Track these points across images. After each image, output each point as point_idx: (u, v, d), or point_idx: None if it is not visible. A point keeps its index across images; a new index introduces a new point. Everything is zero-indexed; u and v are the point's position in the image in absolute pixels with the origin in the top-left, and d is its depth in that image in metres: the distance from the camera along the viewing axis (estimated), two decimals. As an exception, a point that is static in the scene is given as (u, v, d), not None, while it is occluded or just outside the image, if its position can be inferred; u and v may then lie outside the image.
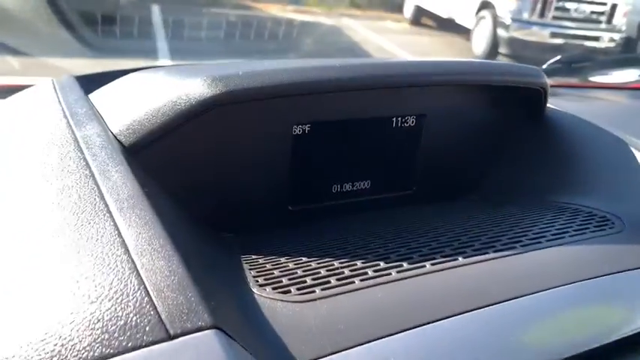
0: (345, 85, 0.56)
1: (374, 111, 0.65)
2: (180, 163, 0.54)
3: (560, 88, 1.47)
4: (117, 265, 0.37)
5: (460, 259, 0.49)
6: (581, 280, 0.49)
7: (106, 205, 0.42)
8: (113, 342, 0.33)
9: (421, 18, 7.38)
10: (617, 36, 6.14)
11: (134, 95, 0.55)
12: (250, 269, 0.47)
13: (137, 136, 0.51)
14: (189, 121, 0.50)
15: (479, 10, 6.40)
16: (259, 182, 0.61)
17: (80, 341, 0.33)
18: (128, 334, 0.34)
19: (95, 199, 0.43)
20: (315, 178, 0.65)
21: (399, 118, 0.67)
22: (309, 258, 0.49)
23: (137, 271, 0.37)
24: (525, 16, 6.30)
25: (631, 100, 1.46)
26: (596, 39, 6.03)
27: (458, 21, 6.76)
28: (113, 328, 0.34)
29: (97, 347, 0.33)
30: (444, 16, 6.91)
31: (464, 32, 6.64)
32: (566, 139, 0.70)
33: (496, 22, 6.31)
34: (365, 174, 0.68)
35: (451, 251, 0.50)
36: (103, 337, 0.33)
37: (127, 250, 0.38)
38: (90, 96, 0.61)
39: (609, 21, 6.13)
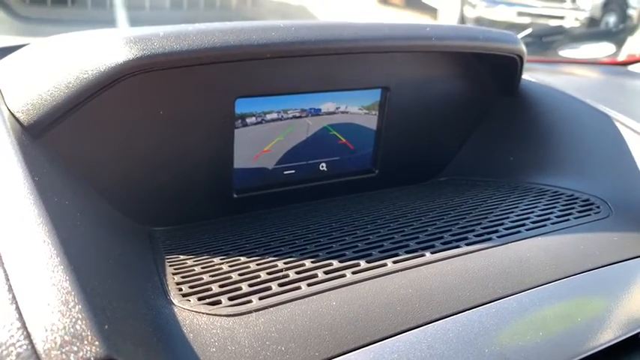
0: (291, 50, 0.47)
1: (330, 84, 0.56)
2: (93, 146, 0.45)
3: (529, 63, 1.41)
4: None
5: (427, 254, 0.41)
6: (566, 277, 0.42)
7: None
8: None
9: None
10: (581, 15, 6.17)
11: (38, 64, 0.46)
12: (174, 274, 0.39)
13: (39, 113, 0.41)
14: (99, 93, 0.41)
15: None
16: (196, 166, 0.52)
17: None
18: (-9, 369, 0.25)
19: None
20: (264, 161, 0.57)
21: (360, 92, 0.59)
22: (248, 257, 0.41)
23: (9, 283, 0.28)
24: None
25: (603, 75, 1.41)
26: (562, 18, 6.05)
27: (424, 0, 6.71)
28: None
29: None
30: (411, -5, 6.84)
31: (431, 11, 6.59)
32: (543, 113, 0.63)
33: (463, 1, 6.30)
34: (320, 154, 0.60)
35: (417, 245, 0.43)
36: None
37: (2, 264, 0.29)
38: None
39: (574, 0, 6.15)
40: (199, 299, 0.36)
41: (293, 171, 0.59)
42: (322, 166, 0.61)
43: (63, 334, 0.26)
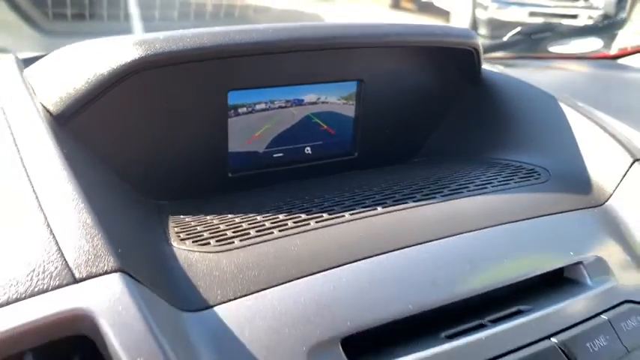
0: (269, 47, 0.57)
1: (311, 76, 0.66)
2: (110, 130, 0.55)
3: (520, 60, 1.49)
4: (28, 218, 0.39)
5: (379, 208, 0.51)
6: (499, 224, 0.51)
7: (24, 167, 0.43)
8: (20, 287, 0.35)
9: (401, 1, 7.37)
10: (595, 13, 6.16)
11: (62, 66, 0.56)
12: (174, 227, 0.49)
13: (64, 104, 0.52)
14: (111, 88, 0.51)
15: (457, -9, 6.40)
16: (196, 149, 0.62)
17: None
18: (35, 280, 0.35)
19: (15, 161, 0.44)
20: (255, 145, 0.66)
21: (338, 84, 0.68)
22: (234, 215, 0.51)
23: (47, 223, 0.38)
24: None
25: (590, 70, 1.48)
26: (575, 17, 6.05)
27: (437, 3, 6.76)
28: (21, 274, 0.35)
29: (4, 292, 0.34)
30: (423, -1, 6.90)
31: (443, 14, 6.64)
32: (502, 98, 0.72)
33: (475, 3, 6.32)
34: (305, 139, 0.70)
35: (372, 203, 0.52)
36: (10, 283, 0.35)
37: (39, 205, 0.40)
38: (24, 71, 0.62)
39: (587, -1, 6.15)
40: (193, 242, 0.45)
41: (281, 154, 0.68)
42: (307, 150, 0.71)
43: (87, 253, 0.36)
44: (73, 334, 0.35)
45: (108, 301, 0.35)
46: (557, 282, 0.51)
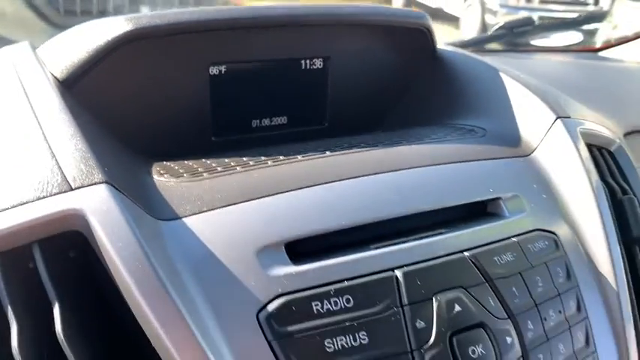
0: (243, 23, 0.67)
1: (283, 53, 0.76)
2: (107, 94, 0.66)
3: (503, 53, 1.58)
4: (36, 148, 0.50)
5: (327, 152, 0.61)
6: (433, 165, 0.61)
7: (34, 114, 0.54)
8: (30, 194, 0.46)
9: (411, 8, 7.49)
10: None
11: (67, 42, 0.67)
12: (156, 167, 0.59)
13: (68, 71, 0.62)
14: (108, 56, 0.62)
15: (466, -3, 6.49)
16: (183, 115, 0.72)
17: None
18: (42, 188, 0.46)
19: (27, 111, 0.55)
20: (235, 114, 0.77)
21: (307, 61, 0.79)
22: (209, 160, 0.61)
23: (51, 150, 0.49)
24: (512, 1, 6.38)
25: (573, 61, 1.57)
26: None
27: (446, 10, 6.86)
28: (31, 185, 0.46)
29: (19, 197, 0.45)
30: (433, 6, 7.01)
31: (453, 20, 6.73)
32: (454, 73, 0.82)
33: (484, 9, 6.39)
34: (281, 110, 0.80)
35: (322, 149, 0.62)
36: (23, 191, 0.46)
37: (45, 139, 0.50)
38: (36, 50, 0.73)
39: (596, 2, 6.20)
40: (170, 175, 0.56)
41: (258, 122, 0.79)
42: (283, 120, 0.81)
43: (81, 170, 0.47)
44: (69, 229, 0.45)
45: (95, 203, 0.45)
46: (480, 216, 0.60)
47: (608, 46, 1.67)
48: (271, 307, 0.46)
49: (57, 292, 0.44)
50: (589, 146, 0.72)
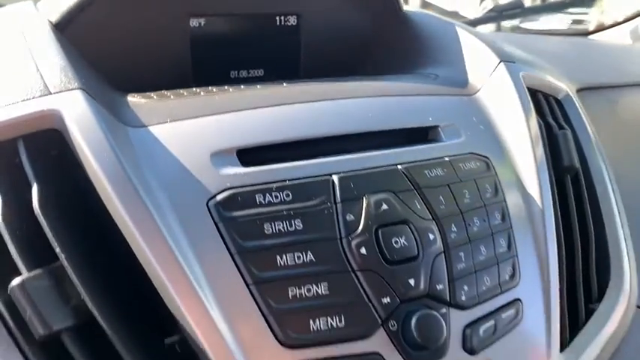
0: None
1: (258, 7, 0.84)
2: (96, 40, 0.74)
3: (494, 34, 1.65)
4: (25, 67, 0.58)
5: (284, 84, 0.69)
6: (378, 96, 0.68)
7: (25, 40, 0.63)
8: (18, 97, 0.54)
9: (426, 10, 7.54)
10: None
11: None
12: (132, 94, 0.67)
13: (60, 15, 0.71)
14: (92, 3, 0.71)
15: (482, 0, 6.52)
16: (165, 62, 0.81)
17: None
18: (27, 93, 0.55)
19: (19, 41, 0.63)
20: (214, 64, 0.85)
21: (282, 17, 0.87)
22: (184, 93, 0.69)
23: (37, 66, 0.58)
24: (527, 4, 6.38)
25: (564, 43, 1.63)
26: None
27: (462, 12, 6.89)
28: (18, 91, 0.55)
29: (9, 99, 0.54)
30: (449, 9, 7.04)
31: (469, 23, 6.76)
32: (418, 31, 0.89)
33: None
34: (258, 63, 0.88)
35: (278, 83, 0.70)
36: (12, 94, 0.54)
37: (33, 59, 0.59)
38: (37, 4, 0.82)
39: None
40: (141, 97, 0.63)
41: (237, 72, 0.87)
42: (260, 72, 0.89)
43: (60, 80, 0.56)
44: (48, 127, 0.54)
45: (70, 105, 0.54)
46: (420, 142, 0.67)
47: (601, 28, 1.72)
48: (220, 197, 0.54)
49: (36, 175, 0.52)
50: (535, 92, 0.79)
